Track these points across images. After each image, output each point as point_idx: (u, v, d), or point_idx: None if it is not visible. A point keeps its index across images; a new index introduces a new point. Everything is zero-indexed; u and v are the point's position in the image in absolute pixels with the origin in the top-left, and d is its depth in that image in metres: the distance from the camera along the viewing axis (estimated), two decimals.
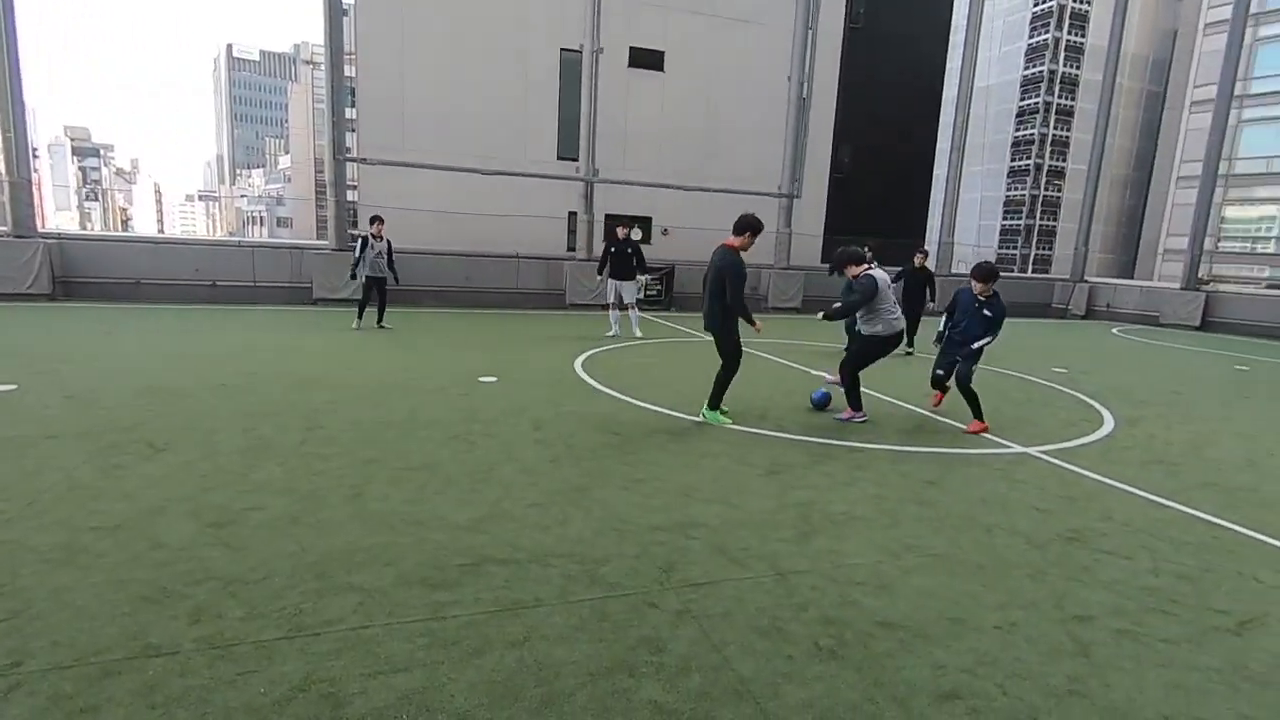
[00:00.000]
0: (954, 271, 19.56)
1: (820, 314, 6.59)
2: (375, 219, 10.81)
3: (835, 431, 6.08)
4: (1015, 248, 45.73)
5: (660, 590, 3.17)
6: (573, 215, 16.92)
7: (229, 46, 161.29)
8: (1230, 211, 37.80)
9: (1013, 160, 46.26)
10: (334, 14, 13.10)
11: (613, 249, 11.32)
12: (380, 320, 10.81)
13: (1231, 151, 37.47)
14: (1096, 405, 7.83)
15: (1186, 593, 3.45)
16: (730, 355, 6.02)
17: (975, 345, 6.30)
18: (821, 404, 6.93)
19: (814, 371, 8.97)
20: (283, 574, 3.11)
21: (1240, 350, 14.67)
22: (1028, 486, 4.91)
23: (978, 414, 6.36)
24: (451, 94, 16.59)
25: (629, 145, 17.90)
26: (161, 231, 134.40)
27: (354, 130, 17.56)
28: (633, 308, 11.50)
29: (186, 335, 9.49)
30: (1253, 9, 35.19)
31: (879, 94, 21.22)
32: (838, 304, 6.78)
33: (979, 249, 45.92)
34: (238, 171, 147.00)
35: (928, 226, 23.75)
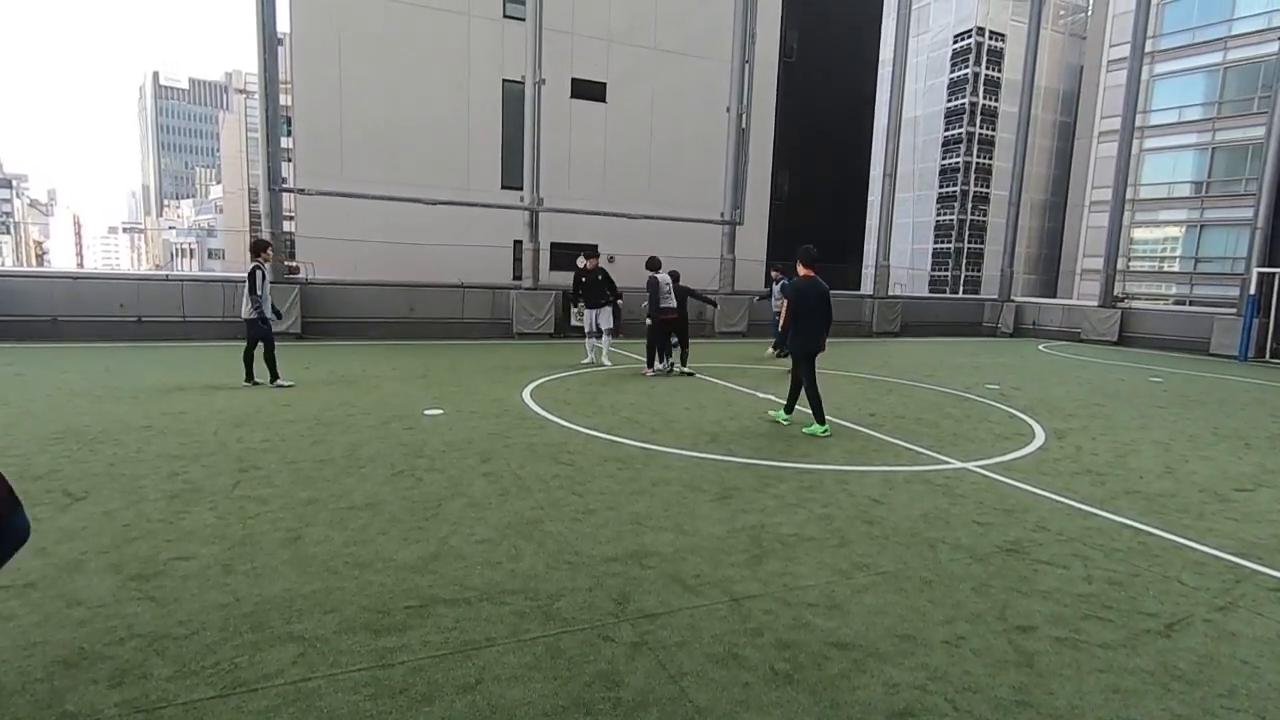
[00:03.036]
0: (890, 294, 20.27)
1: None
2: (265, 244, 8.44)
3: (784, 454, 6.16)
4: (946, 270, 47.74)
5: (615, 623, 3.13)
6: (518, 244, 16.86)
7: (155, 74, 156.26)
8: (1138, 233, 40.45)
9: (941, 187, 48.52)
10: (268, 43, 12.86)
11: (583, 279, 11.45)
12: (255, 374, 8.43)
13: (1136, 178, 40.28)
14: (1028, 419, 8.19)
15: (1118, 598, 3.61)
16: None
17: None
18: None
19: (760, 394, 9.10)
20: (214, 627, 2.94)
21: (1153, 363, 15.62)
22: (968, 501, 5.07)
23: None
24: (392, 123, 16.42)
25: (573, 174, 18.03)
26: (81, 266, 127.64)
27: (290, 160, 17.17)
28: (608, 335, 11.58)
29: (109, 375, 8.99)
30: (1149, 48, 38.23)
31: (814, 124, 22.05)
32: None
33: (913, 271, 47.77)
34: (165, 202, 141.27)
35: (864, 251, 24.63)
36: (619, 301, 11.80)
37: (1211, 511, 5.10)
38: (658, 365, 10.75)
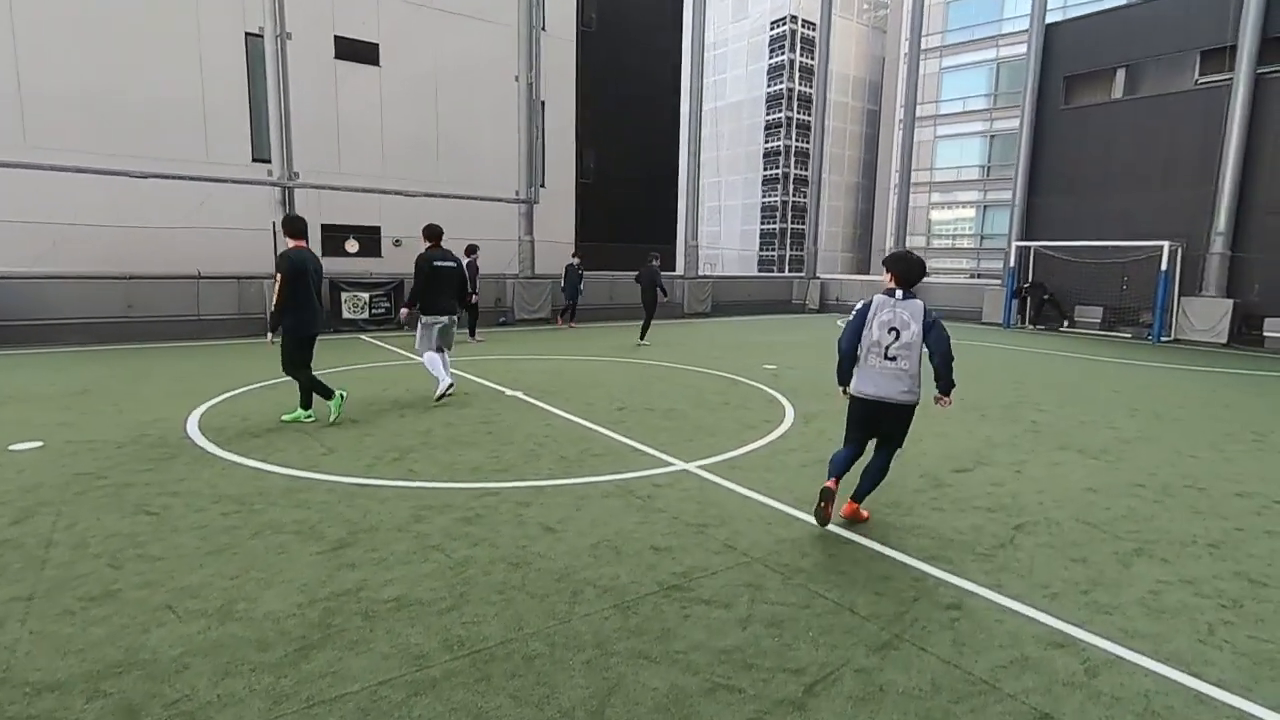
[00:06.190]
0: (700, 274, 20.09)
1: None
2: None
3: (478, 470, 5.10)
4: (774, 250, 49.73)
5: None
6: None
7: None
8: (936, 214, 44.22)
9: (765, 169, 50.31)
10: None
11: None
12: None
13: (932, 162, 43.86)
14: (786, 402, 7.77)
15: (769, 648, 2.86)
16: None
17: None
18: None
19: (508, 392, 8.02)
20: None
21: None
22: (662, 516, 4.27)
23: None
24: (95, 81, 13.34)
25: (344, 146, 15.88)
26: None
27: None
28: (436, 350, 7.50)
29: None
30: (939, 41, 41.40)
31: (620, 100, 21.24)
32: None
33: (743, 253, 49.31)
34: None
35: (678, 231, 24.41)
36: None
37: (921, 503, 4.67)
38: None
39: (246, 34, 14.63)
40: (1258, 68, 15.38)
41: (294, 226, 6.32)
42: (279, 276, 5.94)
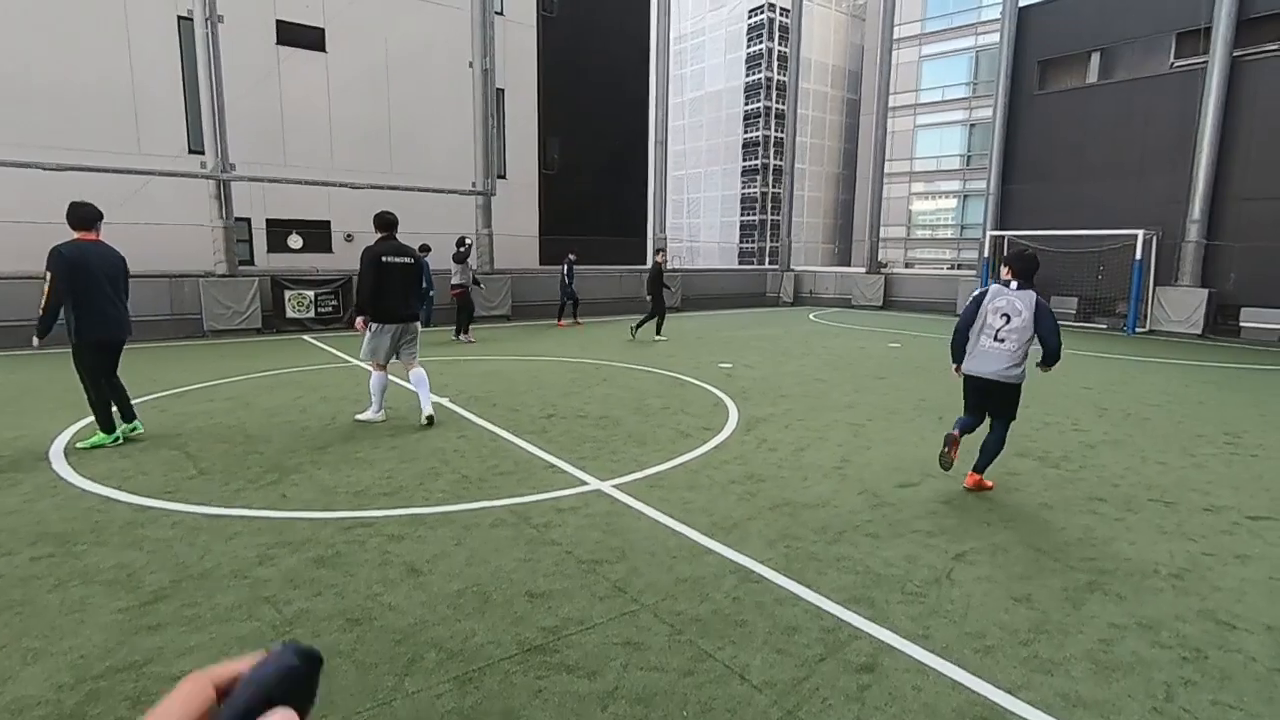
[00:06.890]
0: (670, 268, 19.51)
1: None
2: None
3: (362, 495, 4.52)
4: (754, 241, 49.19)
5: None
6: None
7: None
8: (917, 205, 43.87)
9: (745, 160, 49.70)
10: None
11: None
12: None
13: (912, 152, 43.50)
14: (731, 406, 7.23)
15: None
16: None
17: None
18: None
19: (432, 398, 7.43)
20: None
21: (905, 326, 16.01)
22: (553, 551, 3.72)
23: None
24: (9, 65, 12.53)
25: (289, 137, 15.13)
26: None
27: None
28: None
29: None
30: (919, 29, 40.93)
31: (586, 88, 20.47)
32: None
33: (723, 245, 48.75)
34: None
35: (649, 223, 23.78)
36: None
37: (854, 526, 4.15)
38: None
39: (179, 17, 13.84)
40: (1233, 50, 14.98)
41: (77, 215, 5.18)
42: (49, 275, 5.00)
